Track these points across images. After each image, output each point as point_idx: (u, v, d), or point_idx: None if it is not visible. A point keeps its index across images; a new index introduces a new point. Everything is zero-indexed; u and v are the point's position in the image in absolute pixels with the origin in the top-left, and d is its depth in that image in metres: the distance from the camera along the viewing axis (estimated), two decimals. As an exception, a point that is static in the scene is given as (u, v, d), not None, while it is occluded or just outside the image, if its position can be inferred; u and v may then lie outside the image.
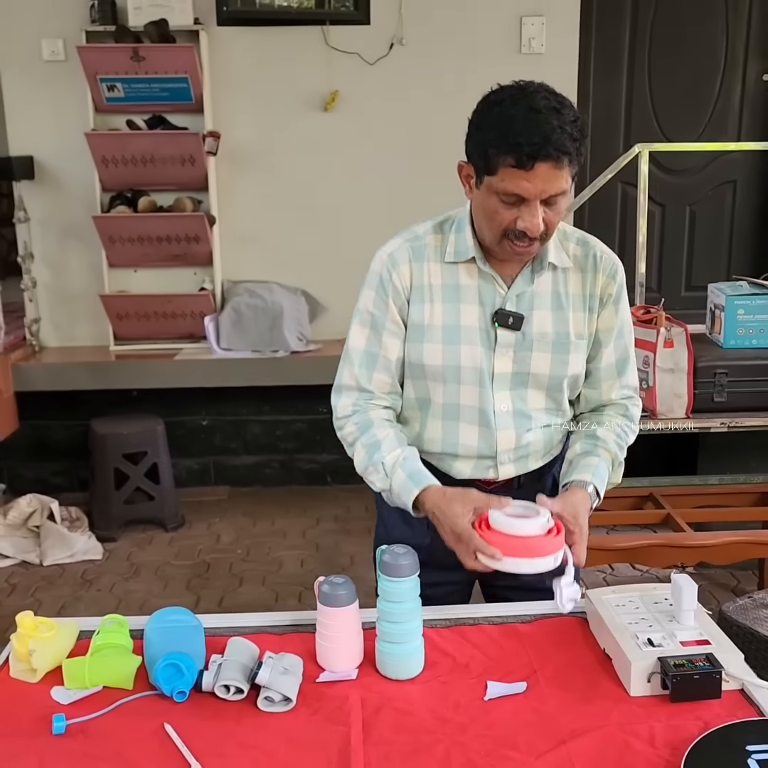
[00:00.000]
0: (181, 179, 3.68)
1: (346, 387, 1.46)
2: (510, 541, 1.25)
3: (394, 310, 1.43)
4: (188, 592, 3.07)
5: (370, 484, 1.44)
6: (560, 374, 1.41)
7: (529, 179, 1.25)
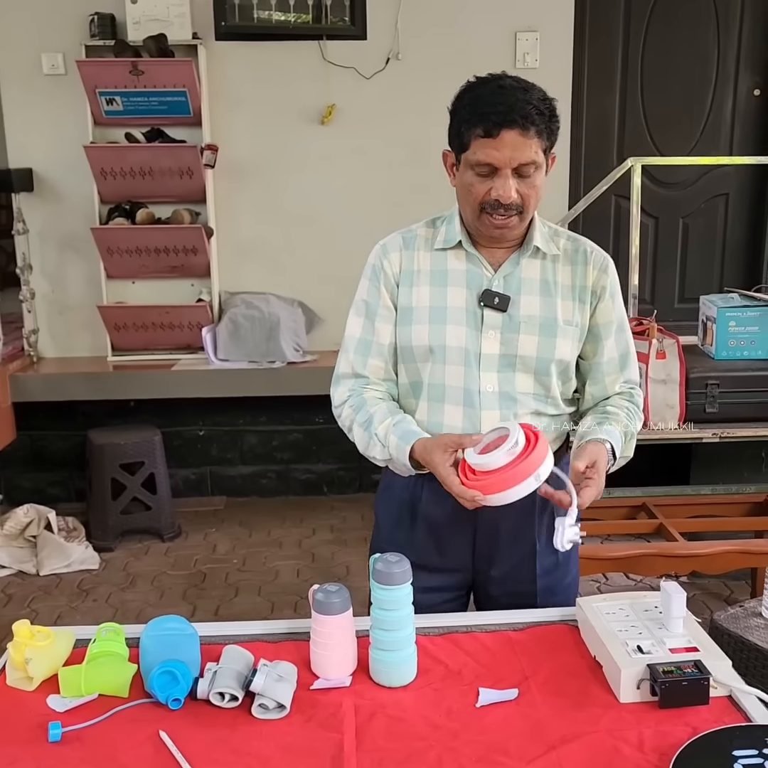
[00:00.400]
0: (179, 191, 3.71)
1: (343, 375, 1.51)
2: (487, 479, 1.28)
3: (386, 296, 1.48)
4: (184, 602, 3.08)
5: (374, 461, 1.47)
6: (547, 357, 1.43)
7: (497, 147, 1.32)
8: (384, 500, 1.60)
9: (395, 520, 1.54)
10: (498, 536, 1.50)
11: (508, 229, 1.40)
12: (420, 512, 1.51)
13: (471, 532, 1.50)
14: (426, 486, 1.49)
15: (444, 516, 1.49)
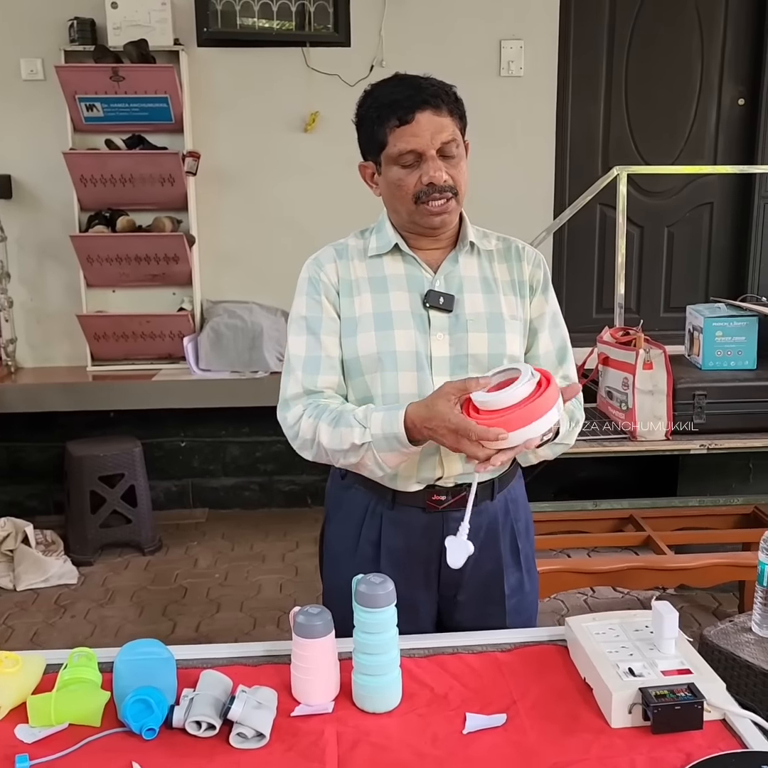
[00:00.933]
0: (160, 199, 3.66)
1: (293, 397, 1.41)
2: (508, 415, 1.20)
3: (329, 306, 1.43)
4: (164, 618, 3.02)
5: (345, 461, 1.35)
6: (499, 353, 1.39)
7: (415, 132, 1.31)
8: (336, 535, 1.52)
9: (353, 556, 1.47)
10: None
11: (448, 214, 1.37)
12: (382, 545, 1.45)
13: (437, 556, 1.43)
14: (384, 517, 1.44)
15: (407, 546, 1.44)
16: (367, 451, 1.33)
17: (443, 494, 1.42)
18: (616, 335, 2.61)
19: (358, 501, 1.47)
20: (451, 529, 1.43)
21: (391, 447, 1.31)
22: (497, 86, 3.79)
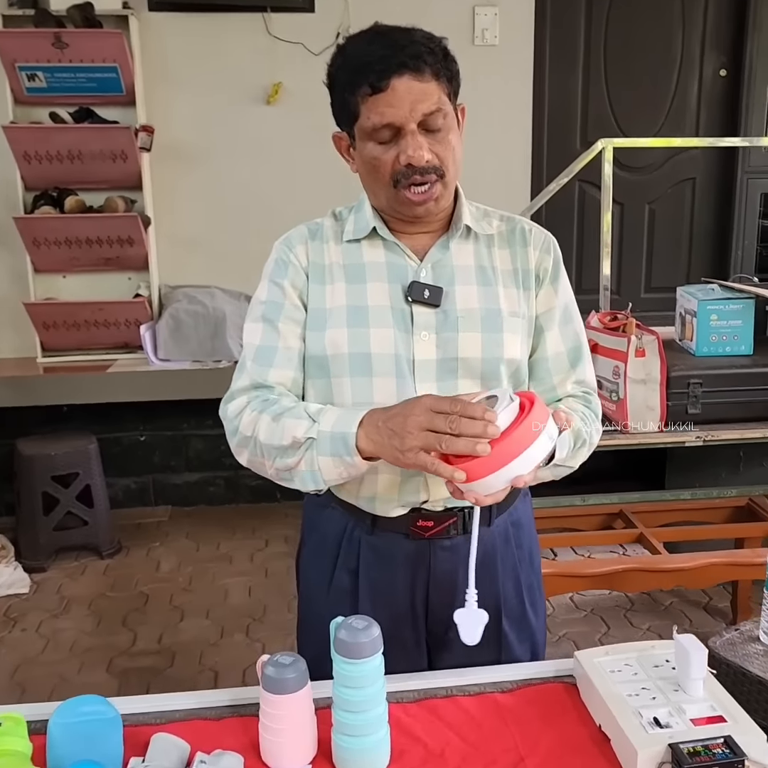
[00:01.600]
0: (112, 177, 3.41)
1: (239, 390, 1.20)
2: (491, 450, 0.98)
3: (292, 292, 1.22)
4: (124, 629, 2.81)
5: (279, 458, 1.12)
6: (495, 357, 1.19)
7: (391, 102, 1.10)
8: (311, 561, 1.33)
9: (327, 587, 1.28)
10: (456, 590, 1.25)
11: (434, 202, 1.17)
12: (360, 575, 1.26)
13: (423, 589, 1.26)
14: (363, 543, 1.25)
15: (389, 577, 1.25)
16: (307, 451, 1.11)
17: (430, 519, 1.23)
18: (603, 320, 2.44)
19: (334, 523, 1.28)
20: (439, 558, 1.25)
21: (334, 450, 1.08)
22: (471, 55, 3.58)
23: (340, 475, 1.11)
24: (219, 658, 2.63)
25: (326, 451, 1.09)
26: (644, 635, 2.68)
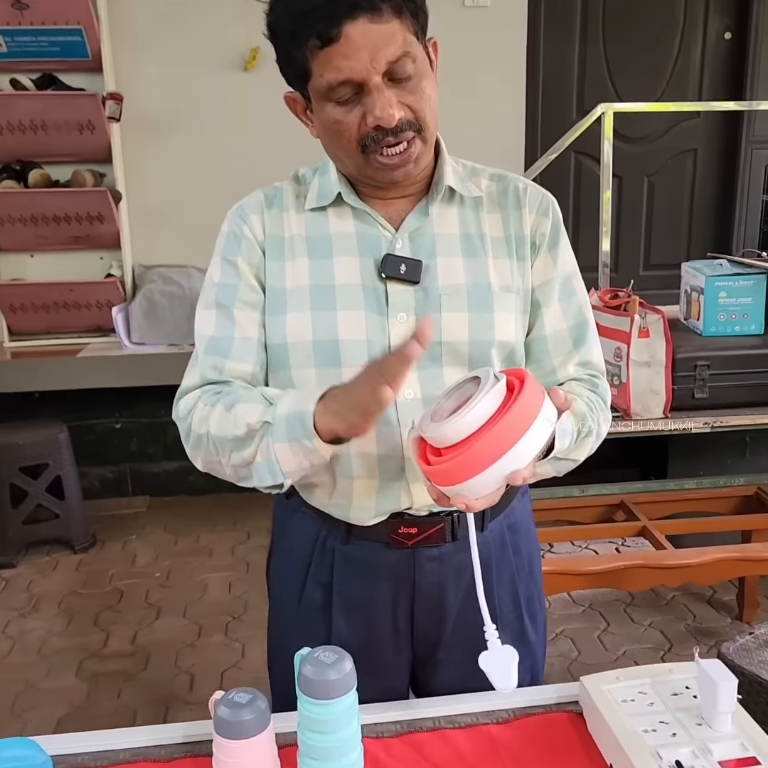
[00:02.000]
0: (79, 149, 3.21)
1: (191, 387, 1.04)
2: (470, 447, 0.81)
3: (247, 272, 1.04)
4: (96, 629, 2.65)
5: (235, 452, 0.96)
6: (485, 339, 1.02)
7: (346, 53, 0.91)
8: (282, 575, 1.17)
9: (298, 602, 1.12)
10: (445, 606, 1.10)
11: (413, 164, 0.99)
12: (334, 589, 1.10)
13: (407, 605, 1.10)
14: (338, 554, 1.09)
15: (367, 592, 1.09)
16: (263, 439, 0.94)
17: (413, 525, 1.06)
18: (604, 299, 2.27)
19: (305, 529, 1.11)
20: (424, 570, 1.09)
21: (291, 434, 0.92)
22: (461, 17, 3.38)
23: (300, 464, 0.94)
24: (196, 660, 2.47)
25: (282, 435, 0.93)
26: (645, 632, 2.54)
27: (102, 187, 3.22)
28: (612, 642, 2.49)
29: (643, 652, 2.42)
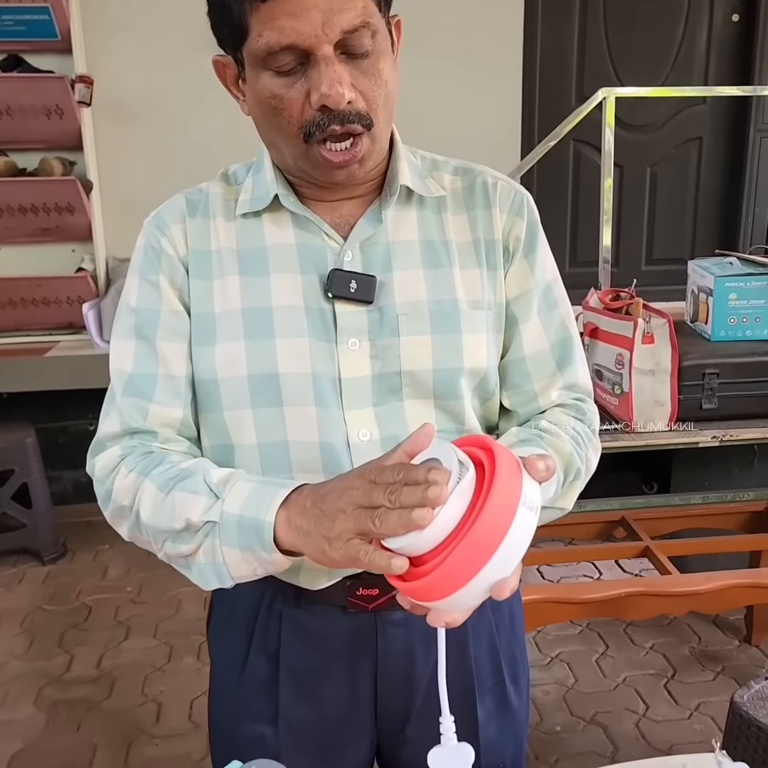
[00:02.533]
0: (47, 136, 3.02)
1: (109, 437, 0.87)
2: (445, 562, 0.64)
3: (171, 294, 0.87)
4: (59, 651, 2.48)
5: (170, 544, 0.80)
6: (452, 366, 0.87)
7: (294, 11, 0.74)
8: (221, 639, 1.00)
9: (240, 674, 0.95)
10: (413, 678, 0.93)
11: (359, 165, 0.82)
12: (282, 661, 0.93)
13: (369, 678, 0.93)
14: (286, 619, 0.92)
15: (321, 665, 0.92)
16: (207, 538, 0.78)
17: (374, 586, 0.89)
18: (605, 299, 2.09)
19: (248, 589, 0.93)
20: (388, 637, 0.92)
21: (243, 542, 0.75)
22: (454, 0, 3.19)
23: (254, 572, 0.78)
24: (164, 685, 2.31)
25: (232, 541, 0.76)
26: (647, 655, 2.37)
27: (71, 176, 3.03)
28: (611, 667, 2.33)
29: (644, 679, 2.26)
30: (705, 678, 2.25)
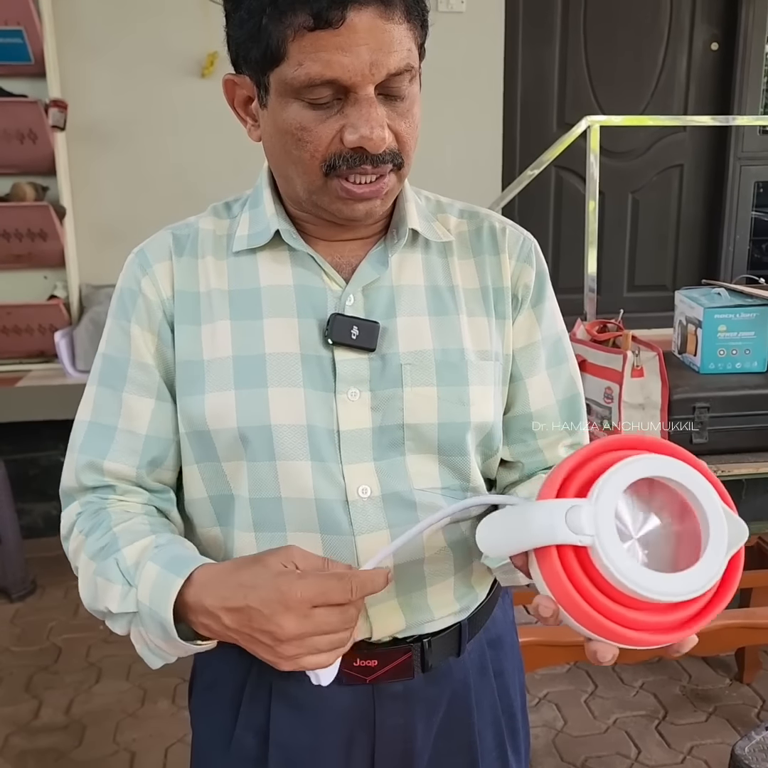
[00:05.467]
0: (19, 160, 2.96)
1: (69, 491, 0.86)
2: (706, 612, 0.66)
3: (142, 343, 0.82)
4: (27, 696, 2.37)
5: (109, 624, 0.77)
6: (457, 420, 0.82)
7: (343, 46, 0.69)
8: (205, 711, 0.93)
9: (225, 749, 0.88)
10: (413, 755, 0.87)
11: (381, 200, 0.78)
12: (272, 738, 0.86)
13: (366, 756, 0.87)
14: (275, 691, 0.86)
15: (313, 742, 0.86)
16: (131, 626, 0.74)
17: (373, 657, 0.83)
18: (592, 331, 2.05)
19: (233, 658, 0.86)
20: (387, 711, 0.86)
21: (162, 635, 0.72)
22: (435, 23, 3.15)
23: (191, 653, 0.75)
24: (137, 733, 2.21)
25: (153, 630, 0.72)
26: (637, 695, 2.31)
27: (44, 202, 2.96)
28: (601, 708, 2.26)
29: (635, 721, 2.20)
30: (697, 719, 2.19)
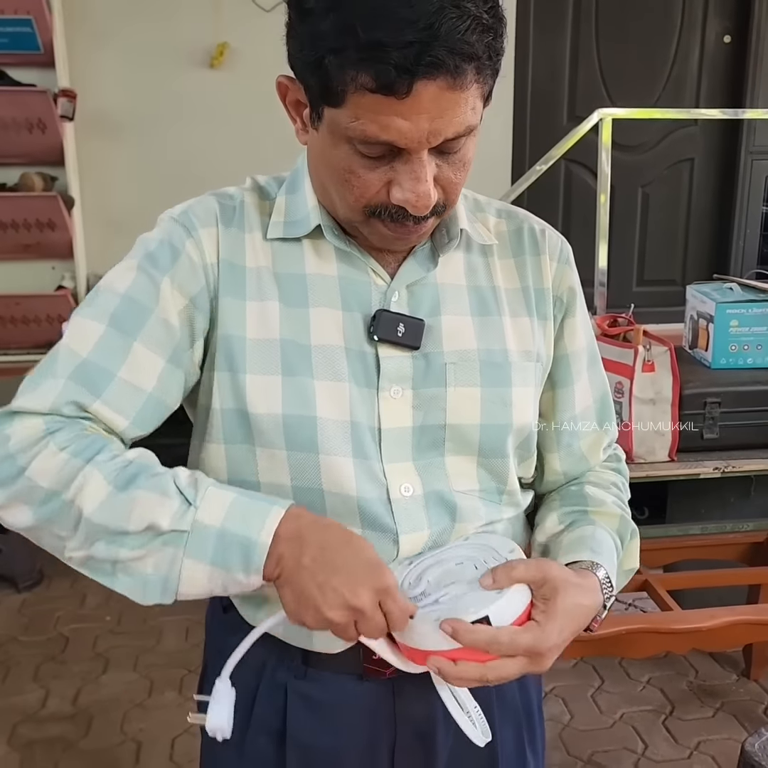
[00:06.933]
0: (28, 150, 2.97)
1: (33, 408, 0.73)
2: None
3: (171, 302, 0.76)
4: (34, 685, 2.37)
5: (104, 542, 0.68)
6: (500, 422, 0.81)
7: (404, 114, 0.66)
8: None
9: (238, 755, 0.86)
10: (434, 749, 0.86)
11: (418, 236, 0.78)
12: (289, 740, 0.84)
13: (386, 755, 0.86)
14: (291, 691, 0.84)
15: (333, 742, 0.84)
16: (167, 547, 0.68)
17: None
18: (603, 326, 2.04)
19: (247, 656, 0.86)
20: (408, 706, 0.85)
21: (219, 559, 0.68)
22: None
23: (211, 591, 0.69)
24: (145, 723, 2.21)
25: (203, 554, 0.68)
26: (644, 690, 2.31)
27: (53, 192, 2.97)
28: (607, 702, 2.26)
29: (642, 716, 2.19)
30: (704, 714, 2.19)
